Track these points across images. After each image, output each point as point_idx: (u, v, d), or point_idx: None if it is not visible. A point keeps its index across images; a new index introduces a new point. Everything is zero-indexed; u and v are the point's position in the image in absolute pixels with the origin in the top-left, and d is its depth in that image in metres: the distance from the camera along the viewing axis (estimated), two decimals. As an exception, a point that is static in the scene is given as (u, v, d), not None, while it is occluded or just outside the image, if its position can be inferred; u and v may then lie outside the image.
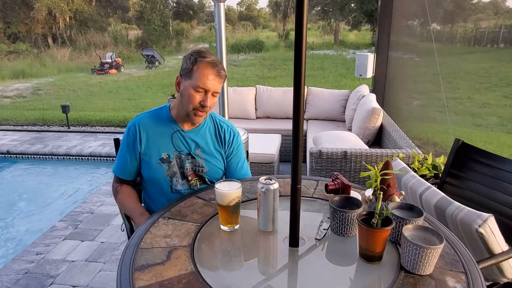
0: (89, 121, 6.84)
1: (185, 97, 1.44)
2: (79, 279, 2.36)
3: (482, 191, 1.84)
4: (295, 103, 0.97)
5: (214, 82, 1.42)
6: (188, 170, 1.54)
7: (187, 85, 1.43)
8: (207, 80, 1.40)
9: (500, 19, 9.07)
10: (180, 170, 1.53)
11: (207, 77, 1.40)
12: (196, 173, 1.56)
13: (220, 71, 1.44)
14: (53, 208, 3.75)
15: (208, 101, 1.43)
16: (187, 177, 1.55)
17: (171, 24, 26.52)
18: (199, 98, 1.43)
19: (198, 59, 1.41)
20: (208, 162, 1.56)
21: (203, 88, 1.41)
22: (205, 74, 1.40)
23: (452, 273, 0.98)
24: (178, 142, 1.52)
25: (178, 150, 1.52)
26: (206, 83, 1.41)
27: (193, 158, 1.54)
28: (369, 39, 23.31)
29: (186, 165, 1.54)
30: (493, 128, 5.74)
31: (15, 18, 21.42)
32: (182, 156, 1.53)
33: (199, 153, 1.55)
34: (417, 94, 4.49)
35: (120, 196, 1.57)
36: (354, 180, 2.69)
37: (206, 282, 0.95)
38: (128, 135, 1.52)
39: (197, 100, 1.42)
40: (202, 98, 1.43)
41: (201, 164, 1.55)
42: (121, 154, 1.55)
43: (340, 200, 1.19)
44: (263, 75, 13.48)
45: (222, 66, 1.46)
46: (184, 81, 1.45)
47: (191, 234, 1.16)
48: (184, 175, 1.54)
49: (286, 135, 4.25)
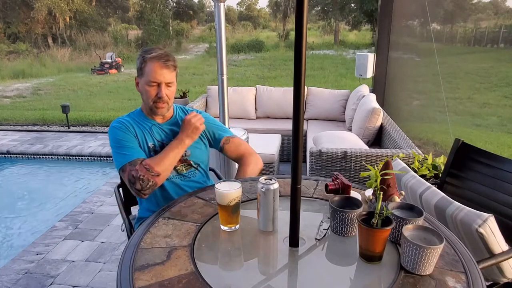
0: (89, 121, 6.84)
1: (144, 94, 1.54)
2: (79, 279, 2.36)
3: (482, 191, 1.84)
4: (295, 103, 0.97)
5: (163, 73, 1.50)
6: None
7: (142, 82, 1.53)
8: (155, 73, 1.49)
9: (500, 19, 9.07)
10: None
11: (155, 70, 1.49)
12: (181, 159, 1.60)
13: (167, 62, 1.51)
14: (53, 208, 3.74)
15: (162, 91, 1.51)
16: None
17: (171, 24, 26.52)
18: (154, 91, 1.52)
19: (145, 57, 1.50)
20: (193, 149, 1.62)
21: (154, 82, 1.50)
22: (153, 68, 1.49)
23: (452, 273, 0.98)
24: (158, 134, 1.60)
25: (160, 140, 1.59)
26: (155, 76, 1.50)
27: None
28: (369, 39, 23.31)
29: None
30: (493, 128, 5.74)
31: (15, 18, 21.42)
32: (165, 145, 1.57)
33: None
34: (417, 94, 4.49)
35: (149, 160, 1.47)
36: (354, 180, 2.69)
37: (206, 282, 0.95)
38: (120, 130, 1.54)
39: (153, 94, 1.52)
40: (156, 90, 1.52)
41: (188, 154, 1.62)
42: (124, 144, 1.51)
43: (340, 200, 1.19)
44: (263, 75, 13.48)
45: (169, 57, 1.53)
46: (140, 80, 1.56)
47: (191, 234, 1.16)
48: None
49: (286, 135, 4.24)
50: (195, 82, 12.47)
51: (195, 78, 13.38)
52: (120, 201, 1.77)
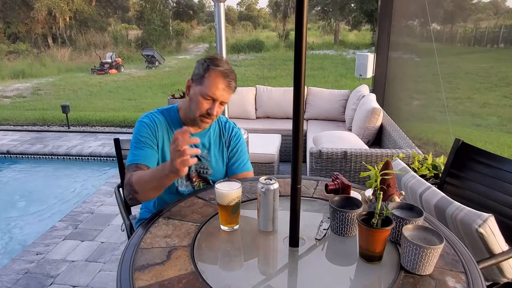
0: (89, 121, 6.84)
1: (194, 103, 1.44)
2: (79, 279, 2.36)
3: (482, 191, 1.84)
4: (295, 103, 0.97)
5: (223, 92, 1.42)
6: (193, 172, 1.55)
7: (197, 91, 1.42)
8: (216, 89, 1.40)
9: (500, 19, 9.07)
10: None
11: (217, 86, 1.40)
12: (200, 175, 1.57)
13: (231, 82, 1.43)
14: (53, 208, 3.74)
15: (215, 109, 1.43)
16: (191, 178, 1.56)
17: (171, 24, 26.53)
18: (207, 106, 1.42)
19: (211, 67, 1.40)
20: (212, 164, 1.58)
21: (211, 97, 1.41)
22: (216, 83, 1.40)
23: (452, 273, 0.98)
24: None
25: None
26: (215, 93, 1.40)
27: (199, 160, 1.55)
28: (369, 39, 23.31)
29: (192, 167, 1.54)
30: (493, 128, 5.74)
31: (15, 18, 21.43)
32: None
33: (205, 155, 1.56)
34: (417, 94, 4.49)
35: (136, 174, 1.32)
36: (354, 180, 2.69)
37: (206, 282, 0.95)
38: (145, 128, 1.45)
39: (205, 108, 1.42)
40: (209, 106, 1.43)
41: (206, 166, 1.57)
42: (140, 145, 1.42)
43: (340, 200, 1.19)
44: (263, 75, 13.49)
45: (233, 76, 1.45)
46: (194, 86, 1.45)
47: (191, 234, 1.16)
48: (188, 177, 1.55)
49: (286, 135, 4.24)
50: (195, 82, 12.45)
51: (195, 78, 13.37)
52: (120, 201, 1.77)
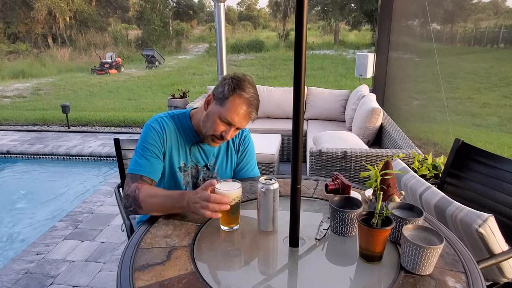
0: (89, 121, 6.84)
1: (209, 121, 1.39)
2: (79, 279, 2.36)
3: (482, 191, 1.84)
4: (295, 103, 0.97)
5: (242, 120, 1.38)
6: (201, 181, 1.54)
7: (216, 111, 1.37)
8: (236, 116, 1.35)
9: (500, 19, 9.08)
10: (193, 180, 1.53)
11: (238, 112, 1.35)
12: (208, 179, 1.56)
13: (252, 113, 1.38)
14: (53, 208, 3.75)
15: (229, 135, 1.39)
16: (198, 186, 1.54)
17: (171, 24, 26.52)
18: (222, 128, 1.38)
19: (236, 91, 1.34)
20: (221, 173, 1.57)
21: (229, 121, 1.36)
22: (238, 110, 1.35)
23: (452, 273, 0.98)
24: (196, 153, 1.50)
25: (195, 161, 1.50)
26: (234, 118, 1.35)
27: (208, 169, 1.54)
28: (369, 39, 23.31)
29: (200, 176, 1.54)
30: (493, 128, 5.75)
31: (15, 18, 21.43)
32: (199, 167, 1.52)
33: (213, 164, 1.55)
34: (417, 94, 4.49)
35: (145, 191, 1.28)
36: (354, 180, 2.69)
37: (206, 282, 0.95)
38: (153, 133, 1.40)
39: (220, 130, 1.38)
40: (225, 129, 1.38)
41: (214, 176, 1.56)
42: (146, 153, 1.38)
43: (340, 200, 1.19)
44: (263, 75, 13.49)
45: (256, 105, 1.39)
46: (214, 104, 1.39)
47: (191, 234, 1.16)
48: (196, 186, 1.54)
49: (286, 135, 4.24)
50: (195, 82, 12.48)
51: (195, 78, 13.40)
52: (120, 201, 1.76)
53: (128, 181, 1.35)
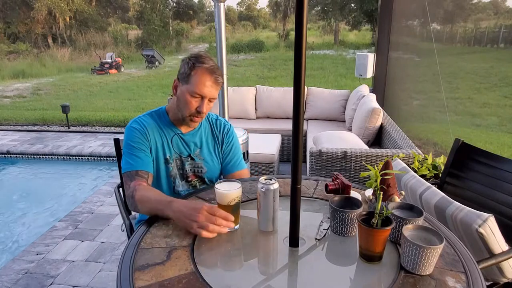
0: (89, 121, 6.84)
1: (182, 102, 1.43)
2: (79, 279, 2.36)
3: (482, 191, 1.84)
4: (295, 103, 0.97)
5: (211, 89, 1.42)
6: (188, 172, 1.56)
7: (184, 90, 1.42)
8: (204, 86, 1.40)
9: (500, 19, 9.08)
10: (180, 171, 1.55)
11: (205, 83, 1.40)
12: (196, 174, 1.58)
13: (218, 78, 1.43)
14: (53, 208, 3.75)
15: (204, 107, 1.43)
16: (187, 178, 1.56)
17: (171, 24, 26.52)
18: (196, 104, 1.42)
19: (196, 64, 1.40)
20: (206, 162, 1.58)
21: (199, 94, 1.41)
22: (203, 80, 1.39)
23: (452, 273, 0.98)
24: (178, 145, 1.53)
25: (178, 152, 1.53)
26: (203, 90, 1.40)
27: (193, 159, 1.56)
28: (369, 39, 23.31)
29: (186, 167, 1.55)
30: (493, 128, 5.75)
31: (15, 18, 21.43)
32: (182, 158, 1.54)
33: (198, 154, 1.57)
34: (417, 94, 4.49)
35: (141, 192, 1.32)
36: (354, 180, 2.69)
37: (206, 282, 0.95)
38: (135, 132, 1.45)
39: (194, 106, 1.42)
40: (198, 104, 1.42)
41: (200, 165, 1.57)
42: (134, 151, 1.42)
43: (340, 200, 1.19)
44: (263, 75, 13.49)
45: (220, 72, 1.45)
46: (181, 85, 1.44)
47: (191, 234, 1.16)
48: (183, 176, 1.56)
49: (286, 135, 4.25)
50: (195, 82, 12.45)
51: (195, 78, 13.36)
52: (120, 201, 1.77)
53: (126, 181, 1.39)
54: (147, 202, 1.28)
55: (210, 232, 1.10)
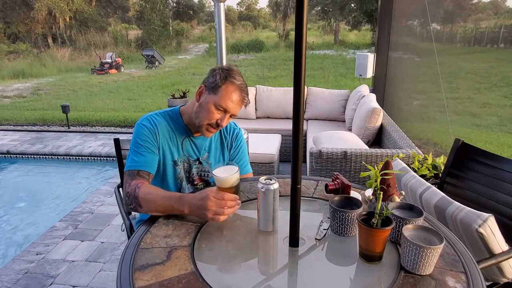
0: (89, 121, 6.84)
1: (204, 110, 1.42)
2: (79, 279, 2.36)
3: (482, 191, 1.84)
4: (295, 103, 0.97)
5: (236, 106, 1.43)
6: (194, 175, 1.56)
7: (210, 99, 1.41)
8: (231, 102, 1.40)
9: (500, 19, 9.08)
10: (186, 174, 1.55)
11: (232, 99, 1.40)
12: (202, 177, 1.58)
13: (245, 97, 1.45)
14: (53, 208, 3.75)
15: (225, 122, 1.43)
16: (193, 181, 1.57)
17: (171, 24, 26.52)
18: (217, 116, 1.41)
19: (228, 78, 1.40)
20: (213, 166, 1.58)
21: (224, 108, 1.40)
22: (231, 96, 1.40)
23: (452, 273, 0.98)
24: (188, 148, 1.52)
25: (186, 155, 1.52)
26: (229, 105, 1.40)
27: (200, 163, 1.56)
28: (369, 39, 23.31)
29: (193, 170, 1.55)
30: (493, 128, 5.75)
31: (15, 18, 21.43)
32: (190, 161, 1.54)
33: (206, 158, 1.57)
34: (417, 94, 4.49)
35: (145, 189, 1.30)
36: (354, 180, 2.69)
37: (206, 282, 0.95)
38: (144, 130, 1.42)
39: (215, 118, 1.41)
40: (220, 116, 1.42)
41: (207, 169, 1.57)
42: (140, 150, 1.40)
43: (340, 200, 1.19)
44: (263, 75, 13.49)
45: (247, 91, 1.46)
46: (207, 94, 1.43)
47: (191, 234, 1.16)
48: (189, 180, 1.56)
49: (286, 135, 4.24)
50: (195, 82, 12.46)
51: (195, 78, 13.39)
52: (120, 201, 1.77)
53: (127, 179, 1.37)
54: (153, 200, 1.27)
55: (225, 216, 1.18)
